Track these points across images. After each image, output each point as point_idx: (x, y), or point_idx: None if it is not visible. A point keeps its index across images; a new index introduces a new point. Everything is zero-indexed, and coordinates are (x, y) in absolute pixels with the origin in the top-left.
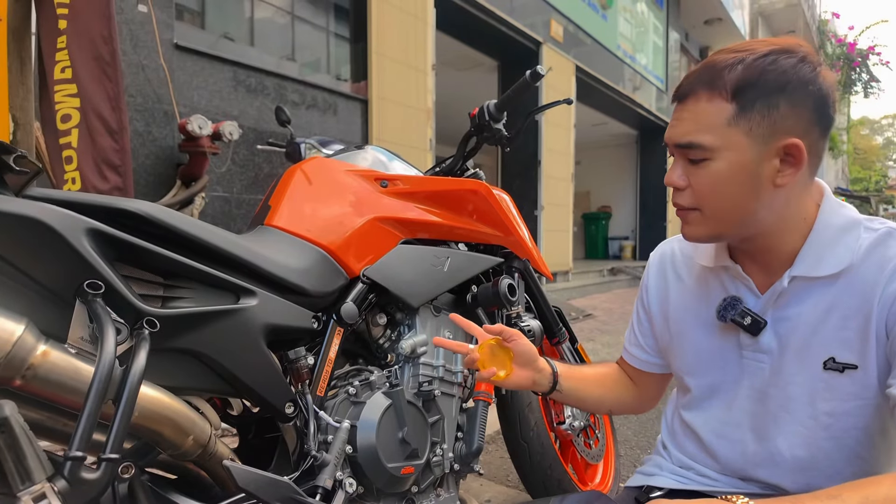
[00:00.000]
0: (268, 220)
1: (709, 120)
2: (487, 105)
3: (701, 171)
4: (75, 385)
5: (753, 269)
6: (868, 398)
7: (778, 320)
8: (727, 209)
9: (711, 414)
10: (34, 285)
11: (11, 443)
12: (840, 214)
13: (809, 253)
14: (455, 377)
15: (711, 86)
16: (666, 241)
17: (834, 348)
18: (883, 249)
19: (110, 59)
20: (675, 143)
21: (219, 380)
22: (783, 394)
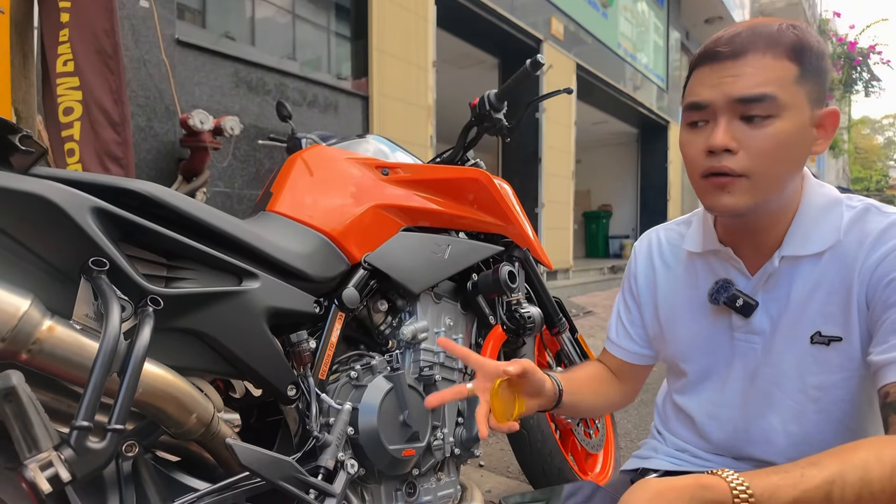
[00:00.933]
0: (270, 206)
1: (778, 75)
2: (488, 95)
3: (760, 132)
4: (80, 360)
5: (743, 252)
6: (853, 369)
7: (769, 301)
8: (780, 175)
9: (705, 396)
10: (40, 262)
11: (19, 412)
12: (822, 194)
13: (797, 232)
14: (456, 363)
15: (774, 44)
16: (650, 231)
17: (820, 323)
18: (862, 225)
19: (112, 52)
20: (740, 97)
21: (222, 361)
22: (774, 371)
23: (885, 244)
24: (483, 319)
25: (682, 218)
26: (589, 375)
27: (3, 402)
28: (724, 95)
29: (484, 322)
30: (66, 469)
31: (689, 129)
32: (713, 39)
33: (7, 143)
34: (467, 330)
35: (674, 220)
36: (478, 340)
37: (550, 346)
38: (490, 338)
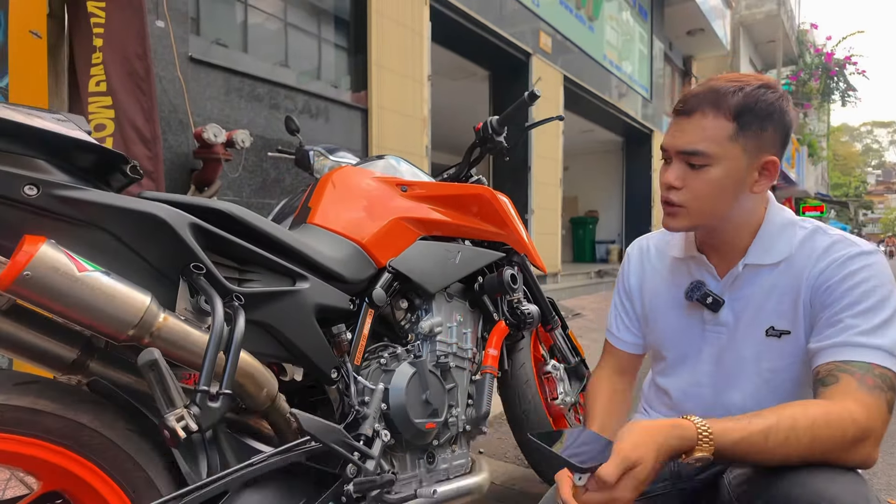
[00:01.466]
0: (310, 219)
1: (714, 133)
2: (490, 121)
3: (699, 176)
4: (186, 345)
5: (715, 259)
6: (798, 356)
7: (734, 299)
8: (709, 209)
9: (681, 378)
10: (148, 267)
11: (159, 378)
12: (781, 216)
13: (759, 245)
14: (466, 353)
15: (717, 106)
16: (641, 238)
17: (774, 319)
18: (811, 242)
19: (144, 74)
20: (682, 150)
21: (281, 348)
22: (736, 357)
23: (826, 258)
24: (488, 316)
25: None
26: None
27: (148, 370)
28: (673, 146)
29: (489, 318)
30: (193, 421)
31: (663, 163)
32: (683, 96)
33: (113, 168)
34: (474, 325)
35: (659, 231)
36: (483, 334)
37: (545, 342)
38: (494, 332)
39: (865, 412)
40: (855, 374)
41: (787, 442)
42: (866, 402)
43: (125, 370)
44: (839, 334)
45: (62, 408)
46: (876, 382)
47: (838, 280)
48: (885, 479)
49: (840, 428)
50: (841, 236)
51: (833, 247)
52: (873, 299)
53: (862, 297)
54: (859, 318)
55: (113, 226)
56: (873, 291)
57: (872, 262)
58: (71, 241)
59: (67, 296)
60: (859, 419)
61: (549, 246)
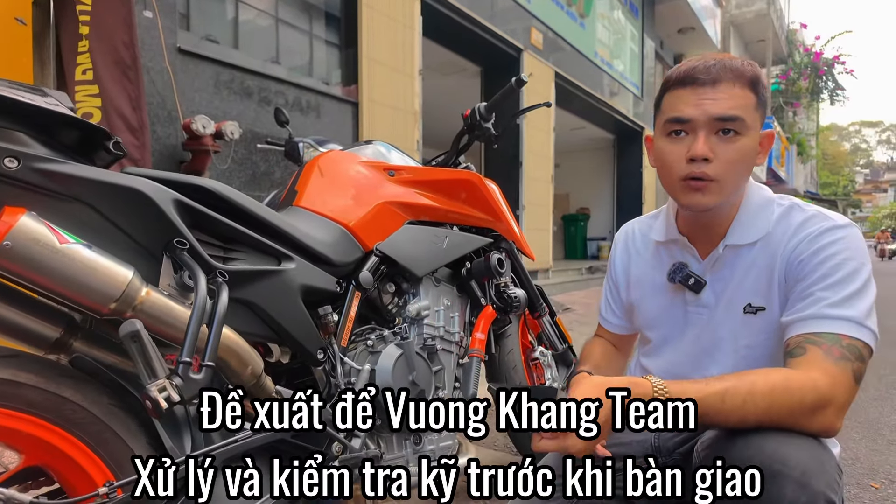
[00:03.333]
0: (296, 202)
1: (744, 102)
2: (478, 107)
3: (730, 146)
4: (169, 319)
5: (696, 241)
6: (772, 332)
7: (715, 280)
8: (739, 180)
9: (664, 358)
10: (131, 242)
11: (141, 349)
12: (759, 195)
13: (738, 225)
14: (453, 337)
15: (740, 77)
16: (627, 223)
17: (751, 296)
18: (788, 219)
19: (131, 63)
20: (719, 116)
21: (266, 327)
22: (714, 336)
23: (800, 233)
24: (475, 301)
25: (652, 212)
26: (602, 352)
27: (130, 341)
28: (705, 114)
29: (476, 303)
30: (175, 392)
31: (668, 138)
32: (690, 67)
33: (96, 145)
34: (462, 309)
35: (646, 215)
36: (471, 319)
37: (533, 329)
38: (482, 316)
39: (829, 381)
40: (822, 346)
41: (743, 405)
42: (831, 372)
43: (109, 350)
44: (810, 307)
45: (44, 381)
46: (843, 353)
47: (810, 254)
48: (867, 463)
49: (799, 394)
50: (816, 212)
51: (807, 222)
52: (844, 271)
53: (833, 270)
54: (829, 290)
55: (95, 200)
56: (844, 264)
57: (845, 236)
58: (52, 214)
59: (48, 267)
60: (821, 387)
61: (541, 242)
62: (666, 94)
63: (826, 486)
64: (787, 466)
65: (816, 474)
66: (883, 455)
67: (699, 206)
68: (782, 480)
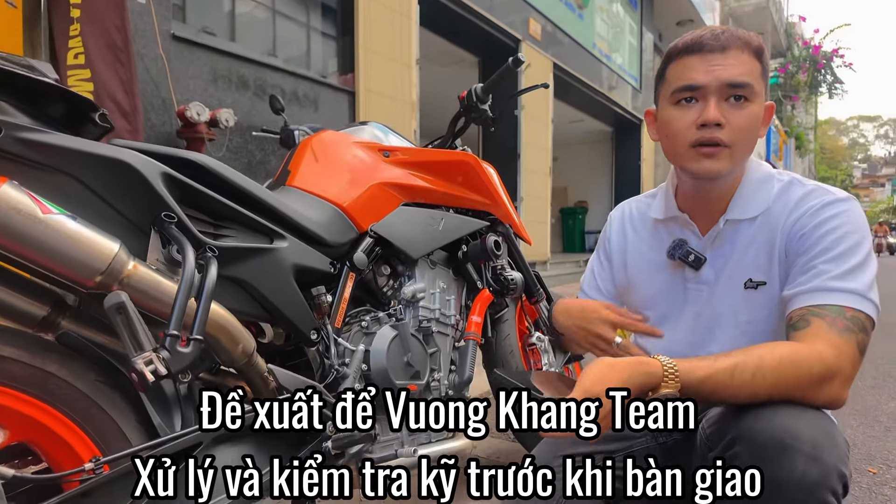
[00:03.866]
0: (289, 181)
1: (752, 68)
2: (475, 88)
3: (740, 112)
4: (156, 294)
5: (696, 217)
6: (773, 307)
7: (715, 256)
8: (749, 147)
9: (664, 337)
10: (118, 216)
11: (127, 322)
12: (759, 170)
13: (738, 200)
14: (449, 320)
15: (747, 45)
16: (623, 203)
17: (752, 272)
18: (788, 194)
19: (123, 46)
20: (730, 82)
21: (258, 306)
22: (714, 313)
23: (801, 208)
24: (472, 284)
25: (649, 192)
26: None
27: (115, 313)
28: (717, 80)
29: (473, 286)
30: (162, 365)
31: (676, 107)
32: (697, 36)
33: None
34: (458, 292)
35: (642, 194)
36: (467, 302)
37: (530, 314)
38: (478, 300)
39: (834, 352)
40: (826, 318)
41: (753, 380)
42: (836, 343)
43: (98, 329)
44: (812, 280)
45: (29, 356)
46: (847, 325)
47: (812, 227)
48: (865, 449)
49: (807, 366)
50: (816, 186)
51: (808, 196)
52: (846, 245)
53: (835, 244)
54: (832, 263)
55: (80, 172)
56: (846, 237)
57: (846, 209)
58: (36, 185)
59: (30, 238)
60: (827, 358)
61: (539, 234)
62: (671, 63)
63: (837, 460)
64: (798, 440)
65: (828, 448)
66: (880, 441)
67: (710, 172)
68: (794, 454)
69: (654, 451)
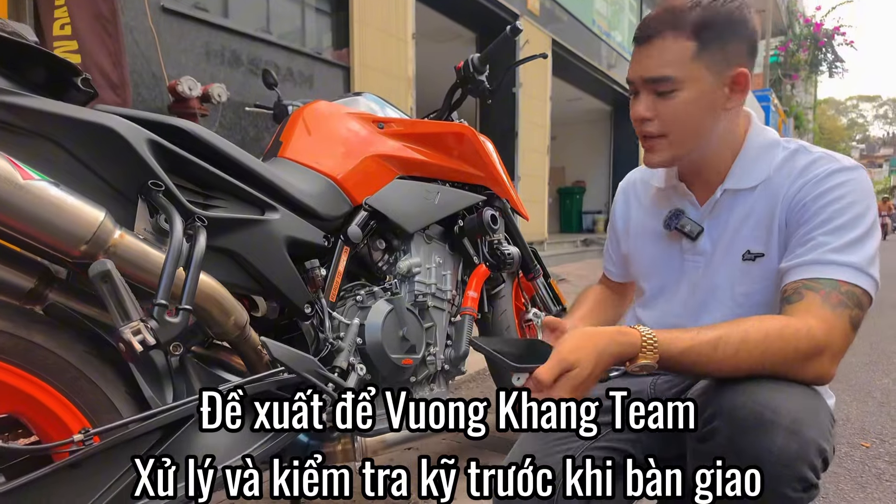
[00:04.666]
0: (281, 153)
1: (675, 56)
2: (472, 58)
3: (668, 102)
4: (144, 263)
5: (695, 186)
6: (770, 279)
7: (712, 226)
8: (689, 133)
9: (659, 309)
10: (103, 184)
11: (112, 290)
12: (763, 136)
13: (737, 169)
14: (445, 295)
15: (675, 27)
16: (631, 172)
17: (750, 243)
18: (792, 162)
19: (110, 16)
20: (647, 78)
21: (250, 279)
22: (710, 283)
23: (805, 176)
24: (468, 259)
25: None
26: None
27: (101, 282)
28: (639, 76)
29: (469, 262)
30: (150, 335)
31: (632, 100)
32: (638, 26)
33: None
34: (454, 267)
35: None
36: (464, 277)
37: (527, 290)
38: (474, 275)
39: (825, 327)
40: (820, 292)
41: (737, 354)
42: (827, 318)
43: (86, 302)
44: (810, 252)
45: (13, 326)
46: (841, 300)
47: (813, 197)
48: (858, 424)
49: (794, 341)
50: (823, 153)
51: (812, 164)
52: (848, 216)
53: (836, 214)
54: (831, 235)
55: (63, 137)
56: (849, 208)
57: (851, 178)
58: (16, 151)
59: (10, 204)
60: (816, 334)
61: (536, 214)
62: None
63: (818, 435)
64: (777, 415)
65: (808, 423)
66: (873, 416)
67: (652, 164)
68: (773, 428)
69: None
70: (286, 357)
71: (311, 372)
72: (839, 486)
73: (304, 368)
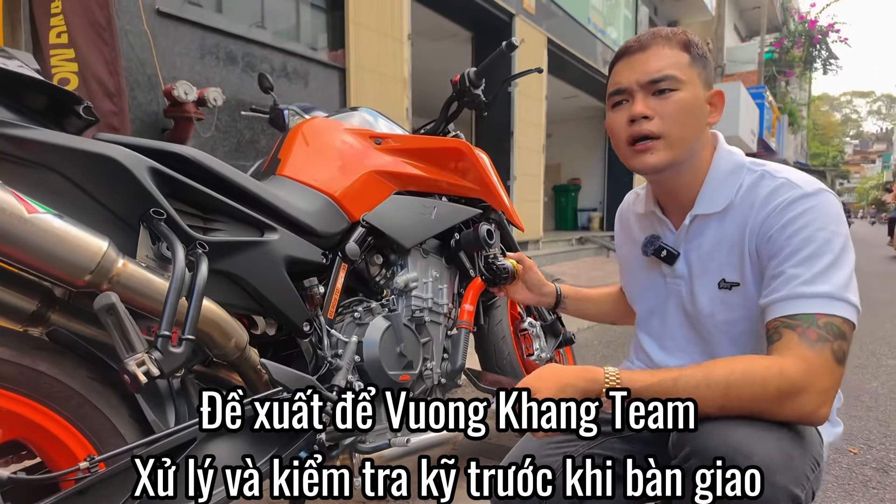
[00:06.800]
0: (279, 171)
1: (675, 60)
2: (468, 72)
3: (667, 101)
4: (148, 291)
5: (671, 211)
6: (751, 308)
7: (688, 251)
8: (687, 135)
9: (653, 330)
10: (105, 212)
11: (118, 322)
12: (729, 160)
13: (705, 194)
14: (442, 308)
15: (669, 40)
16: (625, 197)
17: (725, 271)
18: (756, 189)
19: (106, 24)
20: (650, 79)
21: (249, 299)
22: (695, 309)
23: (767, 206)
24: (464, 272)
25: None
26: (604, 292)
27: (106, 314)
28: (638, 78)
29: (465, 275)
30: (154, 366)
31: (612, 110)
32: (625, 43)
33: (66, 110)
34: (451, 281)
35: (640, 186)
36: (460, 290)
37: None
38: (470, 288)
39: (802, 366)
40: (797, 329)
41: (696, 391)
42: (805, 357)
43: (88, 322)
44: (782, 287)
45: (17, 354)
46: (820, 334)
47: (779, 228)
48: (845, 429)
49: (761, 380)
50: (785, 180)
51: (774, 192)
52: (814, 245)
53: (802, 245)
54: (801, 266)
55: (66, 168)
56: (814, 236)
57: (814, 205)
58: (21, 183)
59: (16, 238)
60: (790, 373)
61: (532, 213)
62: (609, 74)
63: (790, 481)
64: (749, 460)
65: (781, 469)
66: (862, 421)
67: (648, 166)
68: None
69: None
70: (286, 379)
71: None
72: (826, 494)
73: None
